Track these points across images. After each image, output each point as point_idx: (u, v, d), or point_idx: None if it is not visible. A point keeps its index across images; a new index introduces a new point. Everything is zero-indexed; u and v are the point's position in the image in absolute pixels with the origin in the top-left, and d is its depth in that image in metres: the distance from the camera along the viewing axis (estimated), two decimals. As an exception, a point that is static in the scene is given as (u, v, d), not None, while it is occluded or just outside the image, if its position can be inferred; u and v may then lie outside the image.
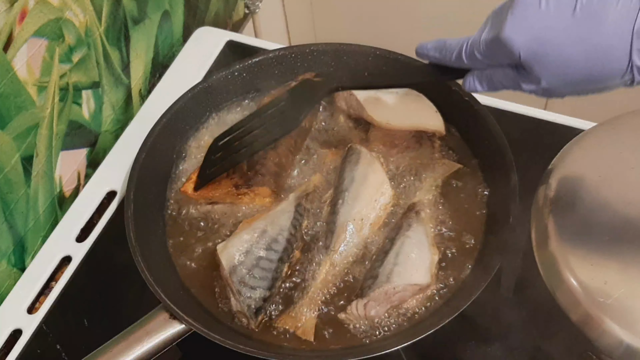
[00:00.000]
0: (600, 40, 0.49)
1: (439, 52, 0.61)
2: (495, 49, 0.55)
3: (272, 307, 0.69)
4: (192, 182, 0.77)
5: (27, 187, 0.77)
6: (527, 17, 0.52)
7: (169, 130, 0.81)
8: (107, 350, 0.63)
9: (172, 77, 0.98)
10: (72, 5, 0.77)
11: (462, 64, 0.59)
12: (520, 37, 0.52)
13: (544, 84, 0.54)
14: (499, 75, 0.57)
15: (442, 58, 0.61)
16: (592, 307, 0.58)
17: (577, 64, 0.51)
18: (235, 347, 0.62)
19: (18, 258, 0.79)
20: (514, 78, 0.56)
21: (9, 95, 0.71)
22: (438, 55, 0.61)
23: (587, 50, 0.50)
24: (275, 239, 0.70)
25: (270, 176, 0.77)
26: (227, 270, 0.67)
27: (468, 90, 0.61)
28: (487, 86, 0.59)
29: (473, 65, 0.59)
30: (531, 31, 0.52)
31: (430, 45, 0.62)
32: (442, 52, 0.60)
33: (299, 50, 0.87)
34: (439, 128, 0.80)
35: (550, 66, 0.52)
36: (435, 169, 0.78)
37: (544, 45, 0.51)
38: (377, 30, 1.35)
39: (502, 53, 0.54)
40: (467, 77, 0.61)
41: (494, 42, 0.54)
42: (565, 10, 0.50)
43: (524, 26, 0.52)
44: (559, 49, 0.51)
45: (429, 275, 0.68)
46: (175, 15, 1.01)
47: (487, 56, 0.56)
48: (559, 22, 0.50)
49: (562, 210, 0.64)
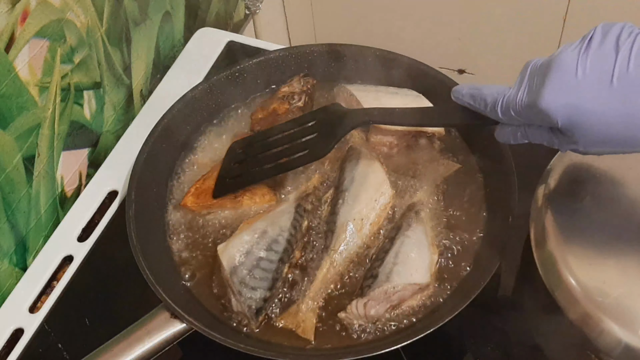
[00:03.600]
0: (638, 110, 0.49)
1: (473, 100, 0.60)
2: (532, 113, 0.54)
3: (273, 307, 0.69)
4: (192, 195, 0.77)
5: (29, 187, 0.77)
6: (565, 84, 0.51)
7: (170, 131, 0.82)
8: (108, 349, 0.63)
9: (173, 77, 0.98)
10: (74, 6, 0.78)
11: (496, 117, 0.58)
12: (559, 105, 0.51)
13: (581, 147, 0.53)
14: (534, 133, 0.57)
15: (477, 107, 0.60)
16: (591, 307, 0.58)
17: (615, 131, 0.50)
18: (236, 347, 0.62)
19: (20, 257, 0.79)
20: (550, 137, 0.56)
21: (10, 96, 0.71)
22: (472, 103, 0.60)
23: (626, 118, 0.49)
24: (276, 240, 0.71)
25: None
26: (227, 271, 0.68)
27: (501, 141, 0.60)
28: (520, 140, 0.59)
29: (508, 122, 0.58)
30: (569, 99, 0.51)
31: (465, 91, 0.61)
32: (477, 101, 0.60)
33: (299, 50, 0.88)
34: (438, 128, 0.80)
35: (588, 132, 0.51)
36: (435, 169, 0.79)
37: (582, 113, 0.50)
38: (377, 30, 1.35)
39: (540, 118, 0.53)
40: (501, 129, 0.60)
41: (531, 107, 0.53)
42: (602, 78, 0.49)
43: (561, 94, 0.51)
44: (597, 116, 0.50)
45: (428, 275, 0.68)
46: (176, 16, 1.02)
47: (523, 117, 0.55)
48: (597, 90, 0.50)
49: (561, 210, 0.64)
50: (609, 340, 0.58)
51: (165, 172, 0.81)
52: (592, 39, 0.51)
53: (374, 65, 0.86)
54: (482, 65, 1.35)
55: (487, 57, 1.31)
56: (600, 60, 0.50)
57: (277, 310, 0.69)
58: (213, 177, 0.77)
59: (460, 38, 1.32)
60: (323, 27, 1.44)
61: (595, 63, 0.50)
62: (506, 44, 1.27)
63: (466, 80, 1.36)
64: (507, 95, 0.56)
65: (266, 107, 0.84)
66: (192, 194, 0.77)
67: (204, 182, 0.78)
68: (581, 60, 0.51)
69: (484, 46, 1.30)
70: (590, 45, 0.51)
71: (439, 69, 0.83)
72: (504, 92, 0.57)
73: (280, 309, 0.69)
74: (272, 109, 0.83)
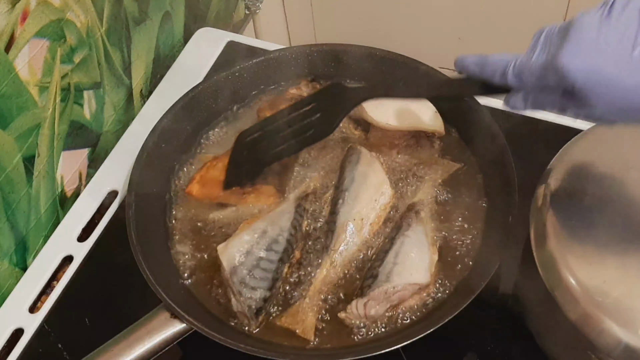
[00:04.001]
0: None
1: (481, 67, 0.58)
2: (548, 74, 0.52)
3: (273, 307, 0.69)
4: (197, 183, 0.77)
5: (29, 187, 0.77)
6: (585, 46, 0.50)
7: (170, 131, 0.81)
8: (108, 349, 0.63)
9: (173, 77, 0.98)
10: (74, 6, 0.78)
11: (505, 83, 0.56)
12: (577, 65, 0.50)
13: (596, 112, 0.52)
14: (545, 98, 0.55)
15: (484, 74, 0.58)
16: (591, 306, 0.58)
17: (633, 96, 0.49)
18: (236, 346, 0.62)
19: (20, 257, 0.79)
20: (562, 102, 0.54)
21: (10, 96, 0.71)
22: (479, 71, 0.58)
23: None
24: (276, 240, 0.71)
25: (274, 175, 0.77)
26: (227, 271, 0.68)
27: (510, 109, 0.59)
28: (531, 106, 0.57)
29: (518, 86, 0.56)
30: (588, 60, 0.50)
31: (471, 59, 0.59)
32: (484, 68, 0.58)
33: (299, 50, 0.88)
34: (438, 128, 0.80)
35: (605, 97, 0.50)
36: (435, 169, 0.79)
37: (602, 77, 0.50)
38: (377, 30, 1.35)
39: (555, 79, 0.52)
40: (511, 97, 0.58)
41: (546, 67, 0.52)
42: (624, 45, 0.49)
43: (581, 54, 0.50)
44: (616, 81, 0.49)
45: (428, 275, 0.68)
46: (176, 16, 1.02)
47: (537, 79, 0.54)
48: (618, 56, 0.49)
49: (561, 210, 0.64)
50: (609, 340, 0.58)
51: (165, 172, 0.81)
52: (614, 7, 0.50)
53: (374, 66, 0.86)
54: (482, 65, 1.35)
55: (487, 57, 1.31)
56: (622, 27, 0.49)
57: (277, 310, 0.69)
58: (217, 167, 0.77)
59: (460, 38, 1.32)
60: (323, 27, 1.44)
61: (617, 29, 0.49)
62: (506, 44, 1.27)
63: (466, 80, 1.36)
64: (519, 60, 0.55)
65: (274, 106, 0.84)
66: (197, 181, 0.77)
67: (208, 170, 0.77)
68: (603, 25, 0.50)
69: (484, 46, 1.30)
70: (612, 12, 0.50)
71: (439, 69, 0.83)
72: (515, 57, 0.55)
73: (280, 309, 0.69)
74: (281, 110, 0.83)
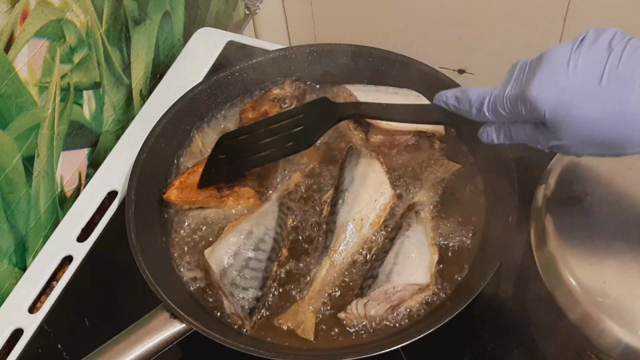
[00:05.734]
0: (626, 109, 0.49)
1: (459, 102, 0.60)
2: (520, 106, 0.54)
3: (266, 306, 0.69)
4: (175, 189, 0.76)
5: (29, 187, 0.77)
6: (555, 77, 0.51)
7: (169, 131, 0.82)
8: (108, 349, 0.63)
9: (173, 77, 0.98)
10: (73, 6, 0.78)
11: (483, 117, 0.58)
12: (547, 96, 0.51)
13: (564, 142, 0.53)
14: (518, 130, 0.57)
15: (462, 109, 0.60)
16: (591, 307, 0.58)
17: (600, 129, 0.50)
18: (236, 347, 0.62)
19: (19, 257, 0.79)
20: (534, 134, 0.56)
21: (10, 96, 0.71)
22: (457, 105, 0.60)
23: (612, 117, 0.50)
24: (262, 239, 0.71)
25: (254, 177, 0.77)
26: (217, 274, 0.68)
27: (484, 142, 0.61)
28: (504, 139, 0.59)
29: (494, 120, 0.58)
30: (558, 92, 0.51)
31: (450, 94, 0.61)
32: (462, 103, 0.60)
33: (299, 50, 0.88)
34: (438, 128, 0.80)
35: (573, 128, 0.52)
36: (435, 169, 0.79)
37: (570, 107, 0.51)
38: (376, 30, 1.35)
39: (527, 110, 0.53)
40: (485, 129, 0.60)
41: (519, 99, 0.54)
42: (593, 74, 0.50)
43: (551, 86, 0.51)
44: (584, 112, 0.50)
45: (428, 275, 0.68)
46: (176, 16, 1.02)
47: (511, 112, 0.55)
48: (586, 86, 0.50)
49: (561, 210, 0.64)
50: (609, 340, 0.58)
51: (164, 172, 0.81)
52: (585, 39, 0.52)
53: (373, 65, 0.86)
54: (482, 65, 1.35)
55: (487, 57, 1.31)
56: (591, 58, 0.51)
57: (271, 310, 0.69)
58: (198, 172, 0.77)
59: (460, 38, 1.32)
60: (323, 27, 1.44)
61: (587, 60, 0.51)
62: (506, 44, 1.27)
63: (466, 80, 1.36)
64: (495, 93, 0.56)
65: (257, 107, 0.84)
66: (175, 187, 0.77)
67: (189, 176, 0.77)
68: (573, 57, 0.51)
69: (484, 46, 1.30)
70: (583, 44, 0.51)
71: (439, 69, 0.83)
72: (491, 90, 0.57)
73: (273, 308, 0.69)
74: (264, 110, 0.84)
